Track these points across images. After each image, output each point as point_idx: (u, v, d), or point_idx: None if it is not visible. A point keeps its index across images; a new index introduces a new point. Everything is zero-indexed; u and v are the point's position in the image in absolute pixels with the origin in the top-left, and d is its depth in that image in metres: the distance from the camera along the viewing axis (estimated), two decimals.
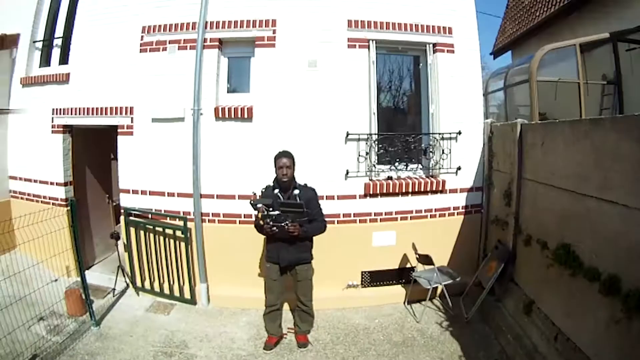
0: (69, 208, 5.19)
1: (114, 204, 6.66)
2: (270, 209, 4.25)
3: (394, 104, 6.42)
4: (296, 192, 4.47)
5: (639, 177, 3.05)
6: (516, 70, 7.78)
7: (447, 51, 5.73)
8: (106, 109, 5.82)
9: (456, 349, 4.77)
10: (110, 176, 6.71)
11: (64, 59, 6.39)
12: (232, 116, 5.45)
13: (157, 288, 5.86)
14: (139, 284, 5.95)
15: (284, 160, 4.41)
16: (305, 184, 4.62)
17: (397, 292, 5.86)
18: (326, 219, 4.73)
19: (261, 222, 4.31)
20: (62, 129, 6.18)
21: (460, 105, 5.79)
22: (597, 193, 3.54)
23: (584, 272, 3.65)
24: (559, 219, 4.18)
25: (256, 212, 4.32)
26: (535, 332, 4.36)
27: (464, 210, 5.99)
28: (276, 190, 4.51)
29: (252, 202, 4.29)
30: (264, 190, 4.61)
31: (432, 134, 5.76)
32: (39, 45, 6.66)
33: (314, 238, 4.69)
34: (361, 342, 4.93)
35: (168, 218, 5.69)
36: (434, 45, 5.73)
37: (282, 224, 4.21)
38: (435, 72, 5.73)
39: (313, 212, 4.50)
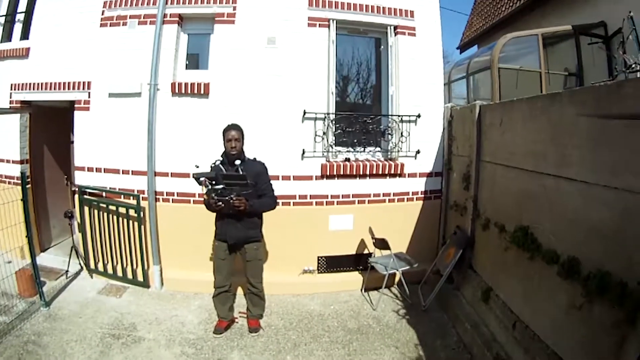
0: (28, 186, 4.76)
1: (73, 188, 6.07)
2: (213, 182, 3.80)
3: (353, 86, 5.94)
4: (237, 162, 3.99)
5: (598, 150, 2.74)
6: (478, 58, 7.35)
7: (409, 34, 5.34)
8: (64, 84, 5.32)
9: (412, 337, 4.38)
10: (69, 158, 6.11)
11: (25, 34, 5.85)
12: (189, 92, 5.00)
13: (110, 270, 5.34)
14: (92, 265, 5.42)
15: (233, 132, 4.00)
16: (255, 158, 4.18)
17: (354, 278, 5.40)
18: (282, 200, 4.38)
19: (206, 196, 3.89)
20: (19, 105, 5.64)
21: (420, 89, 5.39)
22: (555, 171, 3.19)
23: (542, 255, 3.29)
24: (517, 201, 3.82)
25: (200, 187, 3.85)
26: (493, 320, 3.99)
27: (423, 195, 5.56)
28: (217, 162, 4.08)
29: (194, 175, 3.84)
30: (213, 165, 4.15)
31: (391, 115, 5.35)
32: (2, 20, 6.10)
33: (268, 219, 4.26)
34: (315, 329, 4.50)
35: (122, 196, 5.18)
36: (396, 27, 5.34)
37: (227, 198, 3.76)
38: (395, 54, 5.34)
39: (262, 187, 4.07)
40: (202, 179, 3.79)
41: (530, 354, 3.27)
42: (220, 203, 3.80)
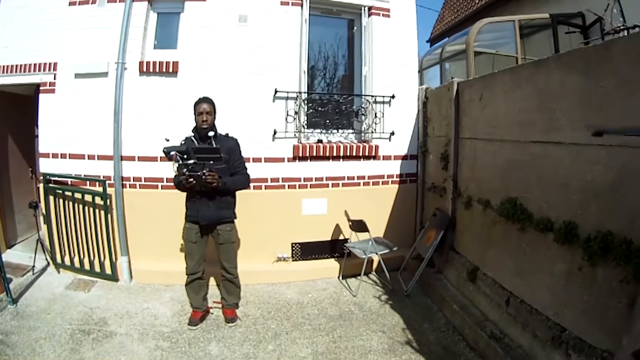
0: None
1: (38, 184, 5.33)
2: (185, 157, 3.26)
3: (326, 68, 5.27)
4: (211, 133, 3.44)
5: (588, 111, 2.53)
6: (452, 45, 6.78)
7: (383, 15, 4.85)
8: (29, 65, 4.63)
9: (398, 321, 3.91)
10: (35, 150, 5.38)
11: None
12: (157, 70, 4.39)
13: (77, 264, 4.63)
14: (59, 260, 4.70)
15: (204, 105, 3.47)
16: (227, 134, 3.64)
17: (330, 265, 4.82)
18: (253, 184, 3.88)
19: (176, 172, 3.35)
20: None
21: (394, 70, 4.90)
22: (543, 137, 2.91)
23: (534, 225, 2.96)
24: (501, 174, 3.43)
25: (171, 163, 3.32)
26: (483, 299, 3.60)
27: (398, 179, 5.03)
28: (189, 137, 3.53)
29: (165, 149, 3.29)
30: (183, 142, 3.58)
31: (365, 95, 4.83)
32: None
33: (239, 203, 3.70)
34: (294, 317, 3.99)
35: (88, 183, 4.51)
36: (370, 8, 4.86)
37: (199, 174, 3.22)
38: (369, 35, 4.84)
39: (235, 164, 3.54)
40: (172, 153, 3.27)
41: (530, 329, 2.93)
42: (192, 179, 3.25)
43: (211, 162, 3.31)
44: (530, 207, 3.02)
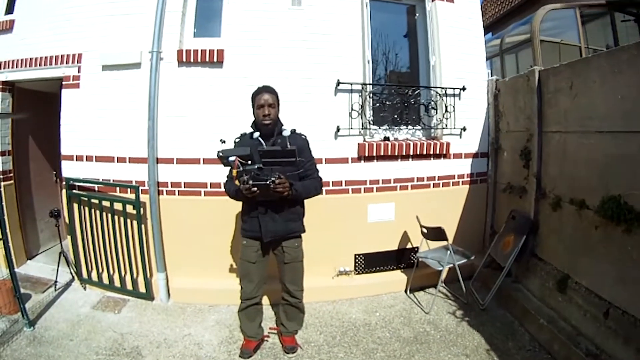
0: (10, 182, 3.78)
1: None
2: (249, 163, 2.63)
3: (386, 58, 4.87)
4: (286, 133, 2.85)
5: None
6: (512, 35, 6.39)
7: (447, 0, 4.35)
8: (51, 58, 4.12)
9: (480, 341, 3.41)
10: (59, 152, 5.03)
11: (10, 9, 4.67)
12: (199, 60, 3.81)
13: (106, 280, 4.05)
14: (85, 275, 4.12)
15: (266, 96, 2.85)
16: (294, 130, 2.99)
17: (396, 278, 4.27)
18: None
19: (236, 181, 2.65)
20: (0, 86, 4.43)
21: (462, 60, 4.38)
22: None
23: None
24: (601, 170, 3.05)
25: (230, 169, 2.72)
26: (575, 311, 3.20)
27: (469, 179, 4.50)
28: (256, 134, 2.89)
29: (220, 154, 2.62)
30: (238, 139, 2.97)
31: (434, 87, 4.26)
32: None
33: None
34: (364, 342, 3.42)
35: (118, 189, 3.91)
36: None
37: (267, 182, 2.56)
38: (434, 21, 4.30)
39: (306, 165, 2.88)
40: (232, 158, 2.60)
41: (634, 343, 2.61)
42: (256, 188, 2.61)
43: (280, 166, 2.67)
44: (637, 206, 2.68)
